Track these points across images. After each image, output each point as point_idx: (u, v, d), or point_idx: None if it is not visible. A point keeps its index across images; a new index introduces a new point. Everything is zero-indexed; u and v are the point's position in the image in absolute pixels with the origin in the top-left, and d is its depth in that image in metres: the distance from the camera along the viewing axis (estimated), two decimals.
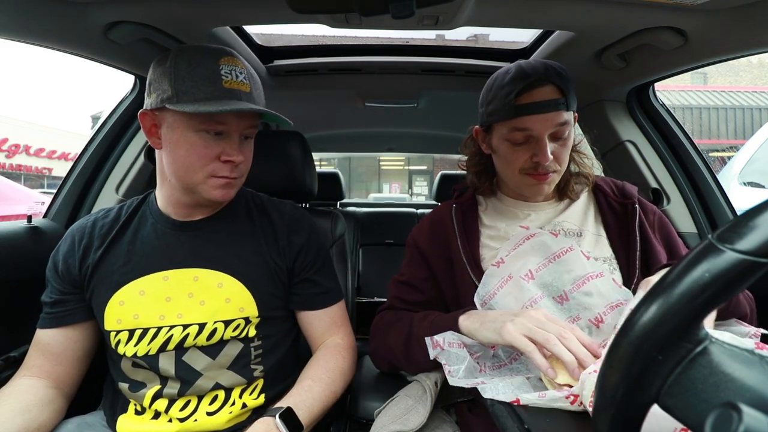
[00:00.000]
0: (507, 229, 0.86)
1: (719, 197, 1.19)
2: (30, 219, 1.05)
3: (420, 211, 2.72)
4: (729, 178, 2.84)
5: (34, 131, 16.98)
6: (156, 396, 0.78)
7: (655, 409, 0.32)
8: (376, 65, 1.32)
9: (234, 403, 0.80)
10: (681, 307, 0.30)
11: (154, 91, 0.73)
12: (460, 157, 0.99)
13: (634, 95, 1.25)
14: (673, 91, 12.41)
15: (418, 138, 2.35)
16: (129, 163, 1.27)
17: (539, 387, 0.63)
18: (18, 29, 0.83)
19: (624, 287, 0.75)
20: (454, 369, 0.65)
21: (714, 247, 0.29)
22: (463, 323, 0.72)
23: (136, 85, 1.22)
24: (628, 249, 0.81)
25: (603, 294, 0.74)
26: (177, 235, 0.82)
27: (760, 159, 2.80)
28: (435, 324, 0.76)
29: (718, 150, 11.23)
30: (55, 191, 1.21)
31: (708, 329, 0.31)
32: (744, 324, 0.70)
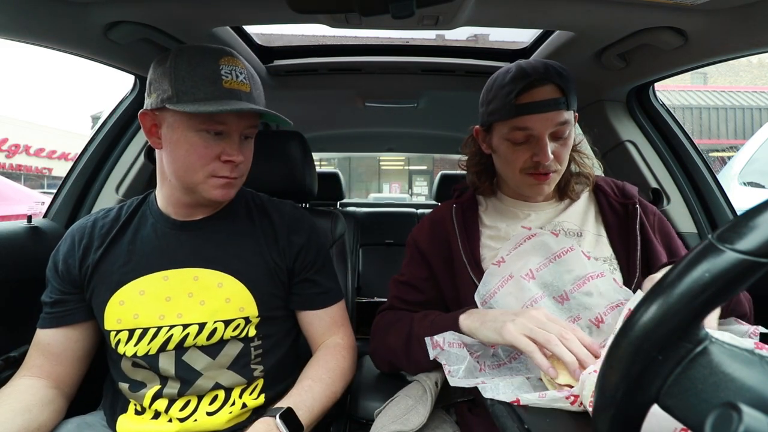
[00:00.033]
0: (507, 230, 0.86)
1: (719, 197, 1.19)
2: (30, 219, 1.05)
3: (420, 211, 2.72)
4: (729, 178, 2.84)
5: (34, 131, 16.97)
6: (156, 396, 0.78)
7: (655, 409, 0.32)
8: (376, 65, 1.32)
9: (234, 403, 0.80)
10: (681, 307, 0.30)
11: (154, 91, 0.73)
12: (460, 157, 0.99)
13: (634, 95, 1.25)
14: (673, 91, 12.41)
15: (418, 138, 2.35)
16: (129, 163, 1.27)
17: (539, 387, 0.63)
18: (18, 29, 0.83)
19: (625, 287, 0.75)
20: (454, 369, 0.65)
21: (714, 247, 0.29)
22: (464, 322, 0.72)
23: (136, 85, 1.22)
24: (628, 249, 0.81)
25: (603, 294, 0.74)
26: (177, 235, 0.82)
27: (760, 159, 2.80)
28: (435, 323, 0.76)
29: (718, 150, 11.23)
30: (55, 191, 1.21)
31: (708, 329, 0.31)
32: (742, 322, 0.70)
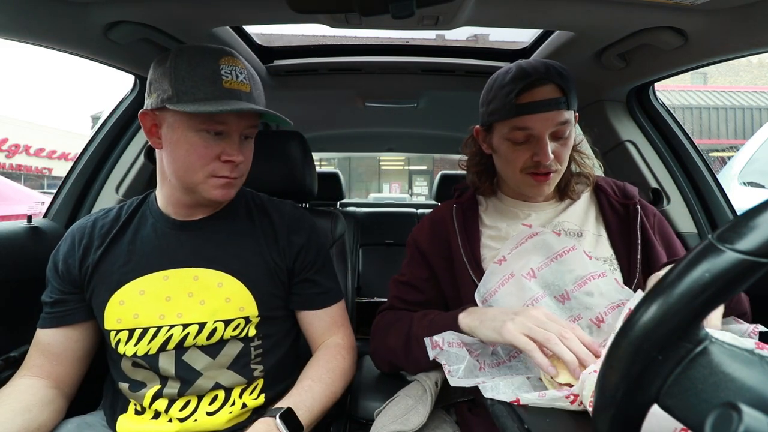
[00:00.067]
0: (508, 230, 0.86)
1: (719, 197, 1.19)
2: (30, 219, 1.05)
3: (420, 211, 2.72)
4: (729, 178, 2.84)
5: (34, 131, 16.97)
6: (156, 396, 0.78)
7: (655, 409, 0.32)
8: (376, 65, 1.32)
9: (234, 403, 0.80)
10: (681, 307, 0.30)
11: (154, 91, 0.73)
12: (460, 157, 0.99)
13: (634, 95, 1.25)
14: (673, 91, 12.41)
15: (418, 138, 2.35)
16: (129, 163, 1.27)
17: (539, 387, 0.63)
18: (18, 29, 0.83)
19: (626, 287, 0.75)
20: (453, 369, 0.65)
21: (714, 247, 0.29)
22: (463, 320, 0.72)
23: (136, 85, 1.22)
24: (629, 249, 0.81)
25: (604, 294, 0.74)
26: (177, 235, 0.82)
27: (760, 159, 2.80)
28: (434, 322, 0.76)
29: (718, 150, 11.23)
30: (55, 191, 1.21)
31: (708, 329, 0.31)
32: (741, 322, 0.70)
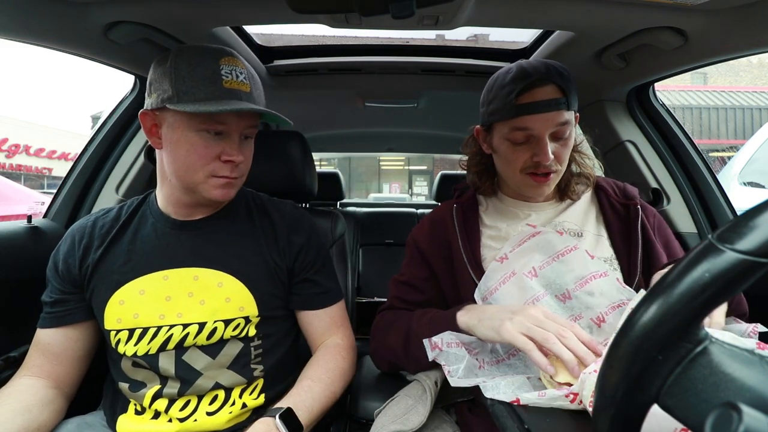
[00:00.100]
0: (508, 230, 0.86)
1: (719, 197, 1.19)
2: (30, 219, 1.05)
3: (420, 211, 2.72)
4: (729, 178, 2.84)
5: (34, 131, 16.96)
6: (156, 396, 0.78)
7: (655, 409, 0.32)
8: (376, 65, 1.32)
9: (234, 403, 0.80)
10: (681, 307, 0.30)
11: (154, 91, 0.73)
12: (460, 157, 0.99)
13: (634, 95, 1.25)
14: (673, 91, 12.41)
15: (418, 138, 2.35)
16: (129, 163, 1.27)
17: (539, 387, 0.63)
18: (18, 29, 0.83)
19: (627, 287, 0.75)
20: (453, 369, 0.65)
21: (714, 247, 0.29)
22: (461, 319, 0.72)
23: (136, 85, 1.22)
24: (629, 249, 0.81)
25: (605, 294, 0.74)
26: (177, 235, 0.82)
27: (760, 159, 2.80)
28: (433, 320, 0.76)
29: (718, 150, 11.23)
30: (55, 191, 1.21)
31: (708, 329, 0.31)
32: (741, 321, 0.70)
